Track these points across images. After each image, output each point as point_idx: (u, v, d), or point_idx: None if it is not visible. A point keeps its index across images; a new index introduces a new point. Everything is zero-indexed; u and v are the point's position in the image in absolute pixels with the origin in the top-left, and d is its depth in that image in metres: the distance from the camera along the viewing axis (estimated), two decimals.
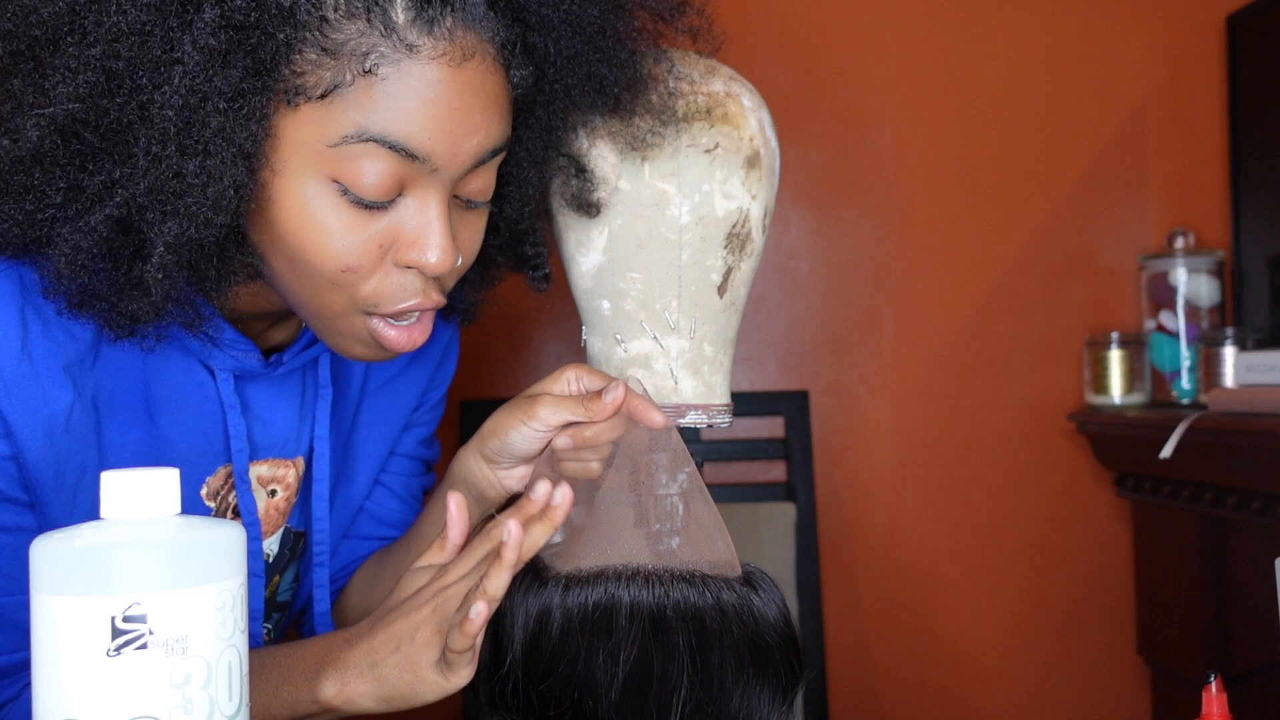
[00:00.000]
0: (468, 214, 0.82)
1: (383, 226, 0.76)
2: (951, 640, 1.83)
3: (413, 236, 0.77)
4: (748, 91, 0.94)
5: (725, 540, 0.84)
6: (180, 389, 0.88)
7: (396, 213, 0.77)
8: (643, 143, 0.90)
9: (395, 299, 0.79)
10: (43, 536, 0.57)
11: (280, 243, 0.77)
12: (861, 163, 1.84)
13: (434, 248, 0.77)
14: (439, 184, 0.77)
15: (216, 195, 0.71)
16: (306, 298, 0.80)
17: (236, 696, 0.58)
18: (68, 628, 0.55)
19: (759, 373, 1.83)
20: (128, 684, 0.54)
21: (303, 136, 0.73)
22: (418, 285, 0.79)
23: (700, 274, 0.90)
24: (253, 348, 0.89)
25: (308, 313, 0.81)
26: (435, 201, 0.77)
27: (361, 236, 0.76)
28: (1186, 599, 1.62)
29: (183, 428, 0.88)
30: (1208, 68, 1.85)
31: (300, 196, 0.75)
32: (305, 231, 0.75)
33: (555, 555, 0.84)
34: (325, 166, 0.74)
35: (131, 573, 0.55)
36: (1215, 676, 0.77)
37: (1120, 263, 1.85)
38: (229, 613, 0.57)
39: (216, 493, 0.92)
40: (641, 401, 0.85)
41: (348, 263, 0.76)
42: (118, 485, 0.57)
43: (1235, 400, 1.47)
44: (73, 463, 0.82)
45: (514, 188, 0.89)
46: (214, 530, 0.59)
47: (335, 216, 0.75)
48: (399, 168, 0.75)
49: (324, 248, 0.76)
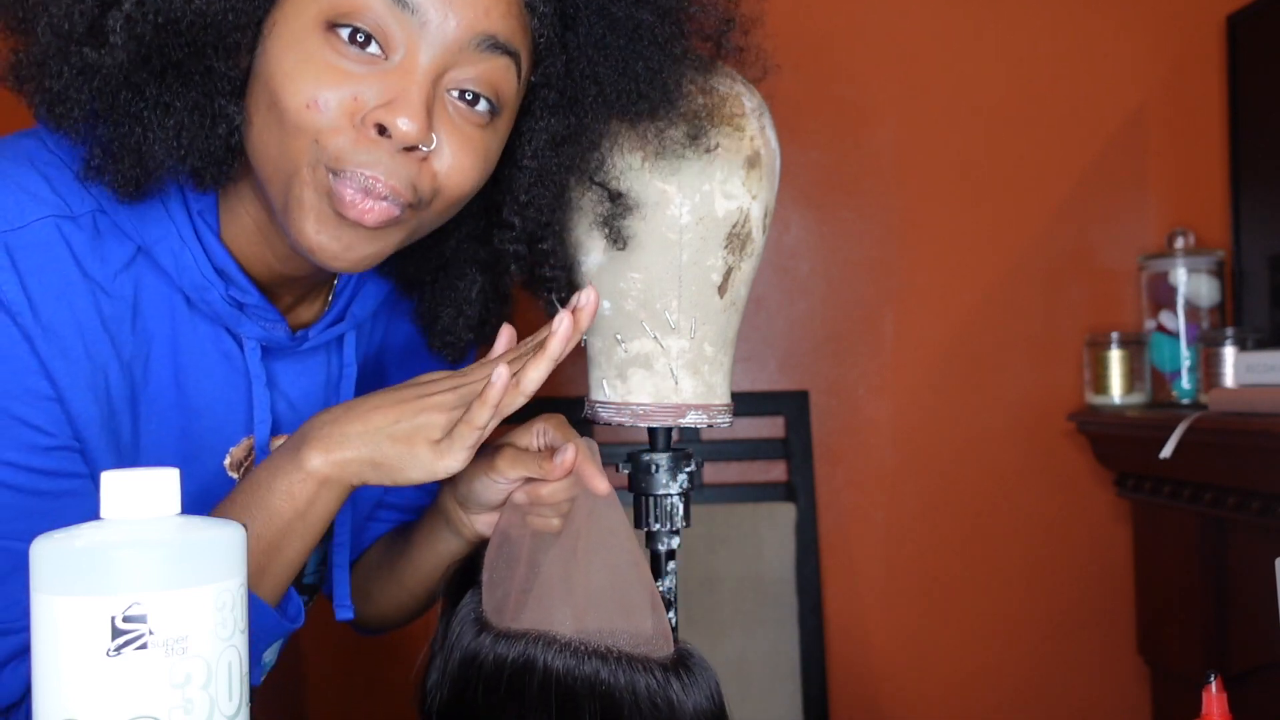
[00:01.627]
0: (464, 124, 0.80)
1: (361, 85, 0.76)
2: (951, 640, 1.83)
3: (388, 97, 0.76)
4: (748, 91, 0.94)
5: (658, 617, 0.83)
6: (208, 356, 0.88)
7: (379, 74, 0.76)
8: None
9: (352, 157, 0.76)
10: (42, 536, 0.57)
11: (264, 87, 0.77)
12: (861, 163, 1.84)
13: (406, 110, 0.76)
14: (428, 51, 0.77)
15: None
16: (276, 153, 0.78)
17: (236, 696, 0.58)
18: (68, 628, 0.55)
19: (759, 373, 1.83)
20: (128, 684, 0.54)
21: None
22: (382, 155, 0.77)
23: (700, 274, 0.90)
24: (279, 318, 0.89)
25: (277, 181, 0.79)
26: (420, 68, 0.77)
27: (338, 82, 0.76)
28: (1186, 599, 1.62)
29: (208, 396, 0.89)
30: (1208, 68, 1.85)
31: (290, 38, 0.76)
32: (284, 68, 0.76)
33: (496, 610, 0.85)
34: (320, 9, 0.76)
35: (131, 573, 0.55)
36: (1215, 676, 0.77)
37: (1120, 263, 1.85)
38: (229, 613, 0.57)
39: (239, 464, 0.92)
40: (589, 467, 0.86)
41: (314, 98, 0.75)
42: (118, 485, 0.57)
43: (1235, 400, 1.47)
44: (111, 425, 0.83)
45: (531, 180, 0.87)
46: (214, 530, 0.59)
47: (317, 59, 0.76)
48: (389, 17, 0.75)
49: (297, 81, 0.76)
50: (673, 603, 0.95)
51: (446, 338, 0.98)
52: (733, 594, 1.71)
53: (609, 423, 0.93)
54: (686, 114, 0.88)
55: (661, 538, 0.94)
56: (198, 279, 0.84)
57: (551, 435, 0.90)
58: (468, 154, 0.81)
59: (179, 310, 0.86)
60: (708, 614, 1.69)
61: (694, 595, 1.68)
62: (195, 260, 0.84)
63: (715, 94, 0.91)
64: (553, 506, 0.88)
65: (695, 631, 1.68)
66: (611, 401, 0.93)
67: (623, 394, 0.92)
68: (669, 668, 0.81)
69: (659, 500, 0.93)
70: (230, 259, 0.85)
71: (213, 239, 0.85)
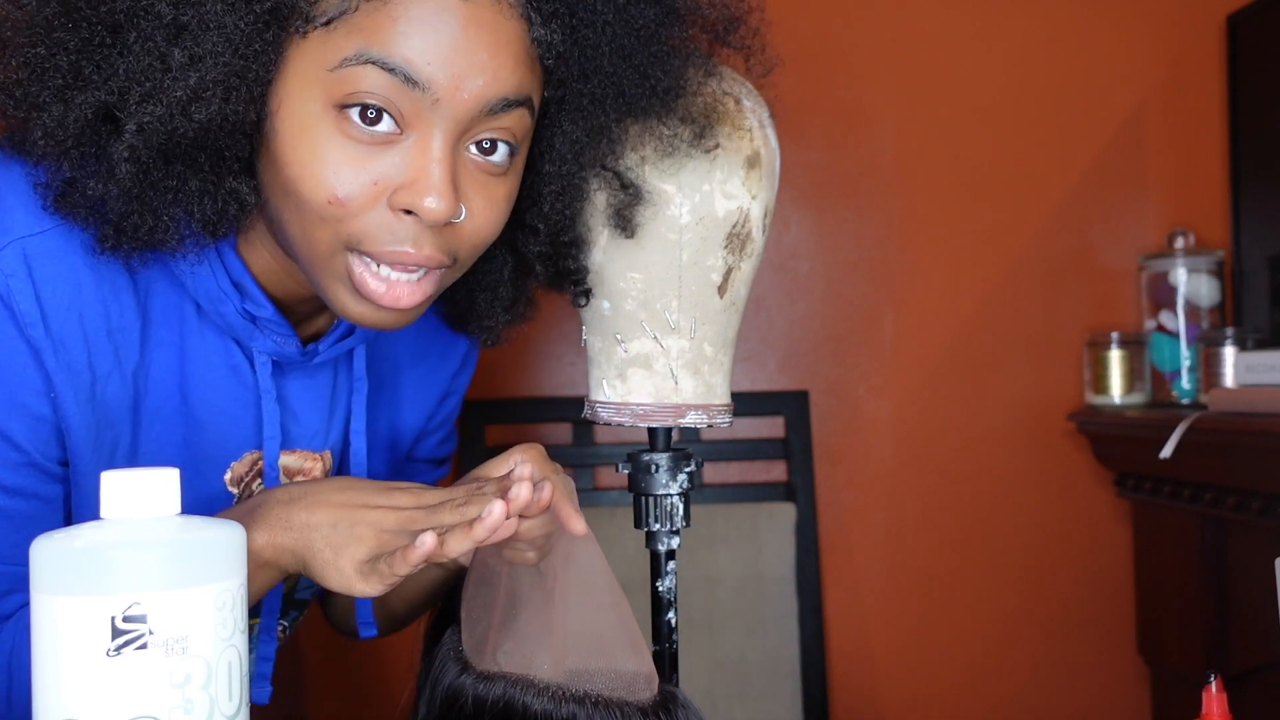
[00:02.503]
0: (485, 179, 0.80)
1: (380, 165, 0.75)
2: (951, 640, 1.83)
3: (411, 177, 0.75)
4: (748, 91, 0.94)
5: (640, 658, 0.83)
6: (214, 368, 0.88)
7: (397, 153, 0.75)
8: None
9: (382, 239, 0.76)
10: (43, 536, 0.57)
11: (278, 174, 0.76)
12: (861, 163, 1.84)
13: (431, 190, 0.75)
14: (443, 124, 0.75)
15: (198, 84, 0.72)
16: (298, 236, 0.78)
17: (236, 696, 0.58)
18: (68, 628, 0.55)
19: (759, 373, 1.83)
20: (128, 684, 0.54)
21: (307, 63, 0.74)
22: (410, 233, 0.76)
23: (700, 274, 0.90)
24: (291, 333, 0.89)
25: (301, 256, 0.80)
26: (438, 143, 0.75)
27: (356, 170, 0.75)
28: (1186, 599, 1.62)
29: (213, 410, 0.88)
30: (1208, 68, 1.85)
31: (300, 124, 0.75)
32: (300, 158, 0.75)
33: (475, 649, 0.85)
34: (327, 92, 0.74)
35: (131, 573, 0.55)
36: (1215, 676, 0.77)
37: (1120, 263, 1.85)
38: (229, 613, 0.58)
39: (240, 479, 0.92)
40: (567, 506, 0.85)
41: (337, 194, 0.74)
42: (118, 485, 0.57)
43: (1235, 400, 1.47)
44: (107, 435, 0.83)
45: (557, 190, 0.87)
46: (214, 530, 0.59)
47: (332, 146, 0.74)
48: (398, 95, 0.74)
49: (315, 176, 0.75)
50: (673, 603, 0.95)
51: (484, 322, 0.97)
52: (733, 594, 1.70)
53: (609, 423, 0.93)
54: (694, 113, 0.88)
55: (661, 538, 0.94)
56: (213, 290, 0.84)
57: (529, 468, 0.89)
58: (494, 208, 0.81)
59: (189, 320, 0.86)
60: (708, 614, 1.69)
61: (694, 595, 1.68)
62: (212, 271, 0.83)
63: (715, 94, 0.91)
64: (528, 541, 0.87)
65: (695, 631, 1.68)
66: (611, 401, 0.93)
67: (623, 394, 0.92)
68: (649, 712, 0.81)
69: (659, 500, 0.93)
70: (247, 273, 0.85)
71: (230, 252, 0.84)
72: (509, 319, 0.98)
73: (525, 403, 1.78)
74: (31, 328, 0.77)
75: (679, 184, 0.89)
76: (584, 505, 1.80)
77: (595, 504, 1.74)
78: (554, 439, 1.78)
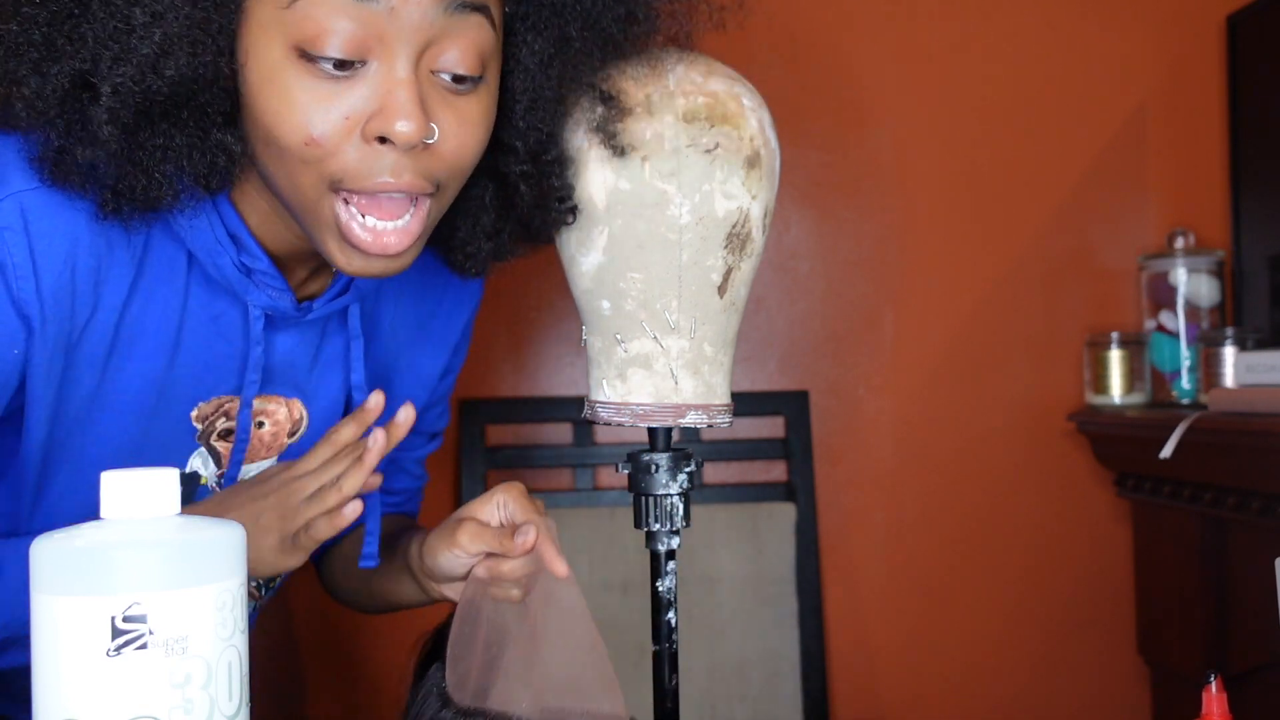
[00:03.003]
0: (453, 98, 0.80)
1: (350, 98, 0.76)
2: (952, 640, 1.83)
3: (380, 104, 0.76)
4: (748, 91, 0.94)
5: (614, 700, 0.85)
6: (197, 320, 0.90)
7: (363, 84, 0.76)
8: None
9: (364, 174, 0.78)
10: (43, 536, 0.57)
11: (255, 124, 0.78)
12: (861, 163, 1.84)
13: (400, 114, 0.76)
14: (404, 44, 0.76)
15: (163, 40, 0.74)
16: (284, 184, 0.80)
17: (236, 696, 0.58)
18: (68, 628, 0.55)
19: (759, 373, 1.83)
20: (128, 684, 0.55)
21: (266, 9, 0.76)
22: (388, 162, 0.78)
23: (700, 274, 0.90)
24: (286, 287, 0.90)
25: (291, 204, 0.82)
26: (401, 67, 0.76)
27: (327, 107, 0.76)
28: (1186, 599, 1.62)
29: (193, 356, 0.91)
30: (1208, 68, 1.85)
31: (267, 71, 0.76)
32: (272, 105, 0.76)
33: (458, 686, 0.87)
34: (287, 34, 0.75)
35: (131, 573, 0.55)
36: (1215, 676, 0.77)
37: (1120, 263, 1.85)
38: (229, 613, 0.58)
39: (205, 418, 0.95)
40: (549, 548, 0.89)
41: (312, 134, 0.76)
42: (118, 485, 0.57)
43: (1235, 400, 1.47)
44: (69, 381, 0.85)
45: (528, 104, 0.87)
46: (214, 530, 0.59)
47: (300, 88, 0.76)
48: (354, 17, 0.75)
49: (288, 120, 0.76)
50: (673, 603, 0.95)
51: (467, 249, 0.97)
52: (733, 594, 1.71)
53: (609, 423, 0.93)
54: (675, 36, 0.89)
55: (661, 538, 0.94)
56: (209, 242, 0.86)
57: (511, 509, 0.92)
58: (468, 128, 0.81)
59: (178, 271, 0.88)
60: (708, 614, 1.69)
61: (694, 595, 1.68)
62: (210, 224, 0.85)
63: (715, 94, 0.91)
64: (513, 580, 0.91)
65: (695, 631, 1.68)
66: (611, 401, 0.93)
67: (623, 394, 0.92)
68: None
69: (659, 500, 0.93)
70: (243, 224, 0.86)
71: (227, 205, 0.86)
72: (492, 247, 0.97)
73: (525, 403, 1.78)
74: (21, 279, 0.79)
75: (679, 184, 0.89)
76: (584, 505, 1.81)
77: (595, 504, 1.74)
78: (554, 439, 1.79)
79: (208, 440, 0.96)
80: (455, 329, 1.12)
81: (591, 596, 1.68)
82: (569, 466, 1.77)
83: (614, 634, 1.68)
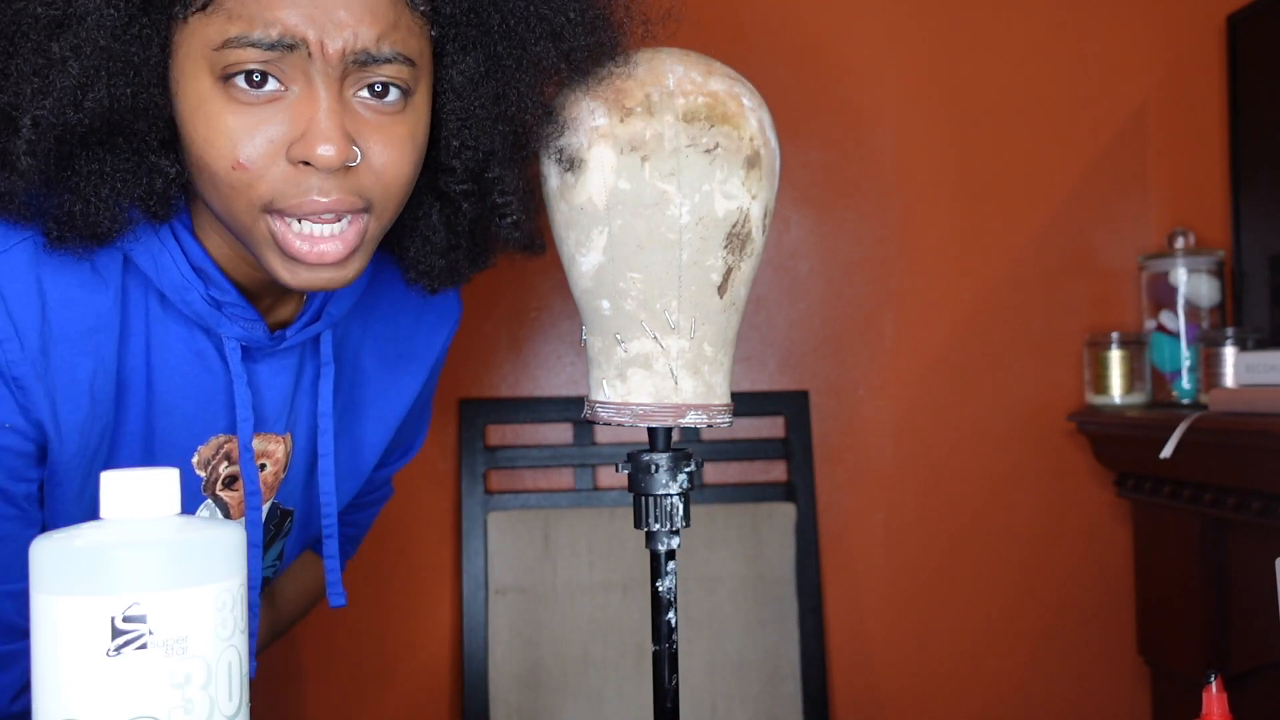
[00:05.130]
0: (380, 119, 0.82)
1: (273, 124, 0.79)
2: (951, 640, 1.83)
3: (301, 130, 0.79)
4: (748, 91, 0.94)
5: None
6: (177, 354, 0.90)
7: (286, 108, 0.79)
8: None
9: (290, 193, 0.80)
10: (43, 536, 0.57)
11: (189, 151, 0.81)
12: (861, 163, 1.84)
13: (320, 139, 0.78)
14: (322, 76, 0.79)
15: (82, 74, 0.76)
16: (220, 209, 0.82)
17: (236, 696, 0.58)
18: (68, 628, 0.55)
19: (759, 373, 1.83)
20: (128, 684, 0.54)
21: (192, 43, 0.78)
22: (314, 181, 0.80)
23: (700, 274, 0.90)
24: (257, 317, 0.91)
25: (233, 230, 0.84)
26: (322, 94, 0.79)
27: (252, 133, 0.78)
28: (1186, 599, 1.62)
29: (179, 395, 0.91)
30: (1208, 68, 1.85)
31: (195, 100, 0.79)
32: (200, 132, 0.79)
33: None
34: (214, 67, 0.78)
35: (131, 573, 0.55)
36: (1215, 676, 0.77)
37: (1120, 263, 1.85)
38: (229, 613, 0.58)
39: (207, 462, 0.95)
40: None
41: (238, 159, 0.78)
42: (118, 485, 0.57)
43: (1235, 400, 1.47)
44: (95, 427, 0.86)
45: (458, 124, 0.88)
46: (214, 530, 0.59)
47: (227, 115, 0.78)
48: (278, 60, 0.77)
49: (216, 146, 0.79)
50: (673, 603, 0.95)
51: (420, 267, 0.98)
52: (733, 594, 1.70)
53: (609, 423, 0.93)
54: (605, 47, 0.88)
55: (661, 538, 0.94)
56: (177, 279, 0.87)
57: None
58: (395, 147, 0.83)
59: (153, 310, 0.88)
60: (708, 614, 1.69)
61: (694, 595, 1.68)
62: (174, 260, 0.86)
63: (715, 94, 0.91)
64: None
65: (695, 631, 1.68)
66: (611, 401, 0.93)
67: (623, 394, 0.92)
68: None
69: (659, 500, 0.93)
70: (208, 258, 0.88)
71: (190, 238, 0.87)
72: (444, 264, 0.98)
73: (525, 403, 1.78)
74: (6, 343, 0.80)
75: (679, 184, 0.89)
76: (584, 505, 1.81)
77: (595, 504, 1.74)
78: (554, 439, 1.79)
79: (213, 490, 0.96)
80: (435, 346, 1.12)
81: (591, 596, 1.69)
82: (569, 466, 1.77)
83: (614, 634, 1.69)
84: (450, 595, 1.75)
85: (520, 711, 1.66)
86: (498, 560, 1.69)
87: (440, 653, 1.75)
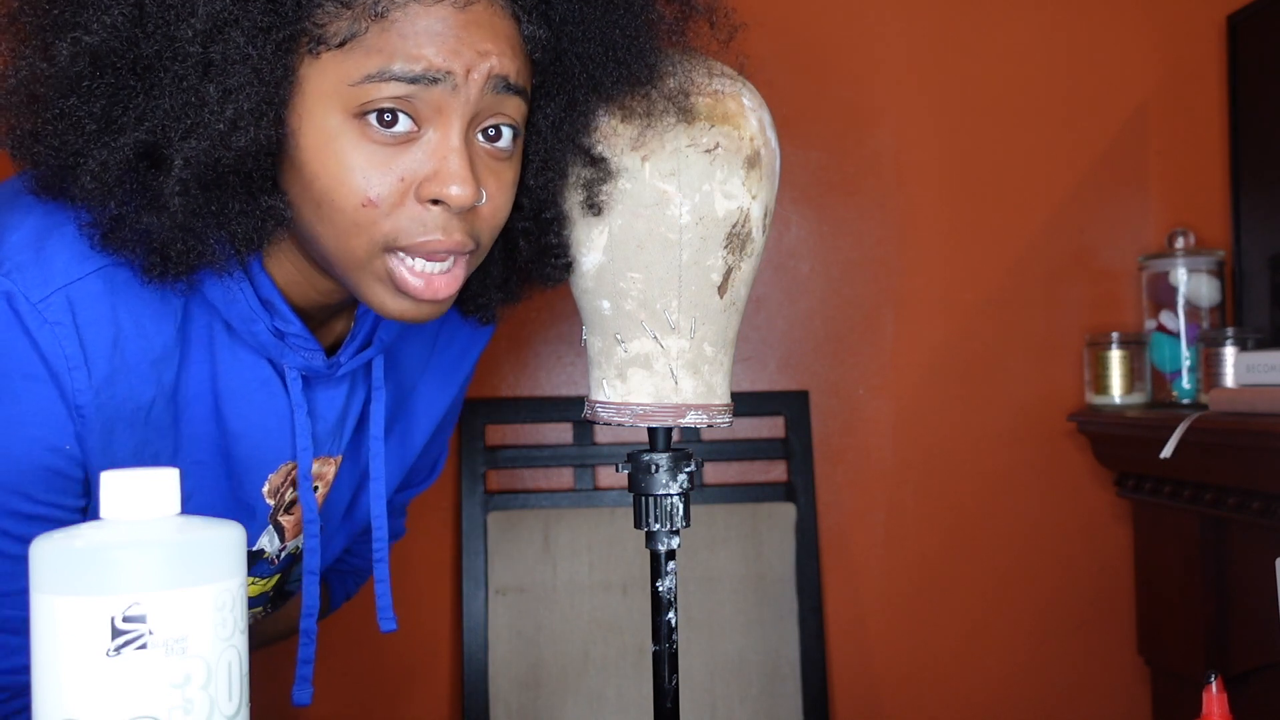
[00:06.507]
0: (495, 164, 0.84)
1: (404, 162, 0.79)
2: (952, 640, 1.83)
3: (434, 169, 0.79)
4: (748, 91, 0.94)
5: None
6: (246, 384, 0.91)
7: (417, 149, 0.79)
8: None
9: (415, 232, 0.80)
10: (42, 536, 0.57)
11: (308, 187, 0.80)
12: (861, 163, 1.84)
13: (454, 179, 0.79)
14: (457, 114, 0.79)
15: (234, 115, 0.76)
16: (333, 245, 0.82)
17: (236, 696, 0.58)
18: (68, 628, 0.55)
19: (759, 373, 1.83)
20: (127, 684, 0.54)
21: (326, 81, 0.78)
22: (439, 221, 0.80)
23: (700, 274, 0.90)
24: (318, 347, 0.92)
25: (337, 264, 0.84)
26: (454, 134, 0.80)
27: (383, 171, 0.79)
28: (1186, 599, 1.62)
29: (248, 424, 0.92)
30: (1208, 68, 1.85)
31: (324, 136, 0.79)
32: (329, 169, 0.79)
33: None
34: (348, 104, 0.78)
35: (131, 573, 0.55)
36: (1215, 676, 0.77)
37: (1120, 263, 1.85)
38: (229, 613, 0.58)
39: (277, 490, 0.96)
40: None
41: (369, 196, 0.79)
42: (118, 485, 0.57)
43: (1235, 400, 1.47)
44: (148, 450, 0.86)
45: (539, 165, 0.90)
46: (214, 530, 0.59)
47: (358, 152, 0.78)
48: (418, 95, 0.78)
49: (346, 184, 0.79)
50: (673, 603, 0.95)
51: (478, 300, 1.00)
52: (733, 594, 1.70)
53: (609, 423, 0.93)
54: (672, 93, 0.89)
55: (661, 538, 0.94)
56: (244, 310, 0.87)
57: None
58: (505, 191, 0.85)
59: (219, 338, 0.89)
60: (708, 614, 1.69)
61: (694, 595, 1.68)
62: (242, 291, 0.86)
63: (715, 94, 0.91)
64: None
65: (695, 631, 1.68)
66: (611, 401, 0.93)
67: (623, 394, 0.92)
68: None
69: (659, 500, 0.93)
70: (275, 289, 0.88)
71: (259, 270, 0.87)
72: (501, 297, 1.01)
73: (525, 403, 1.78)
74: (75, 371, 0.80)
75: (679, 184, 0.89)
76: (584, 505, 1.81)
77: (595, 504, 1.74)
78: (554, 439, 1.79)
79: (275, 517, 0.98)
80: (468, 363, 1.15)
81: (591, 596, 1.69)
82: (569, 466, 1.77)
83: (614, 634, 1.69)
84: (450, 595, 1.75)
85: (520, 711, 1.66)
86: (498, 560, 1.69)
87: (440, 653, 1.75)
